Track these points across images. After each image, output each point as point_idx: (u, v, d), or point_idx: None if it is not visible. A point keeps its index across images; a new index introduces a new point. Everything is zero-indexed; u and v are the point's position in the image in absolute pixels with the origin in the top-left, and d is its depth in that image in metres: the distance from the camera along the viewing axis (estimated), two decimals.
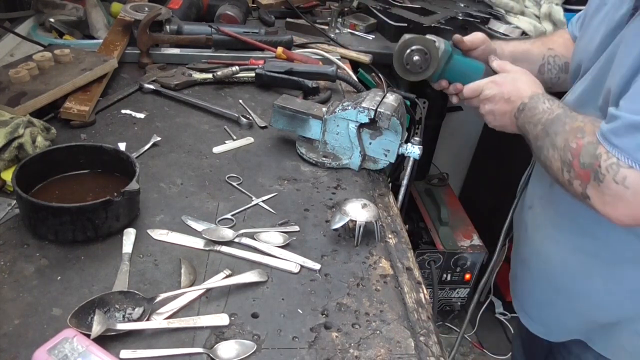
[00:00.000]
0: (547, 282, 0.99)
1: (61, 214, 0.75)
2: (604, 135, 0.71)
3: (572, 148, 0.75)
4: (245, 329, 0.67)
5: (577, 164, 0.73)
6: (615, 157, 0.68)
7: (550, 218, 0.97)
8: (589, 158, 0.72)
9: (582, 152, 0.73)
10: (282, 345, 0.66)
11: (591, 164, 0.71)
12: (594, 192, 0.72)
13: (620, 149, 0.68)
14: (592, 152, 0.71)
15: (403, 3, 1.92)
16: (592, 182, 0.71)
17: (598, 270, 0.89)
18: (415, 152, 0.97)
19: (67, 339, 0.58)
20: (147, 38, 1.32)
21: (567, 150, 0.75)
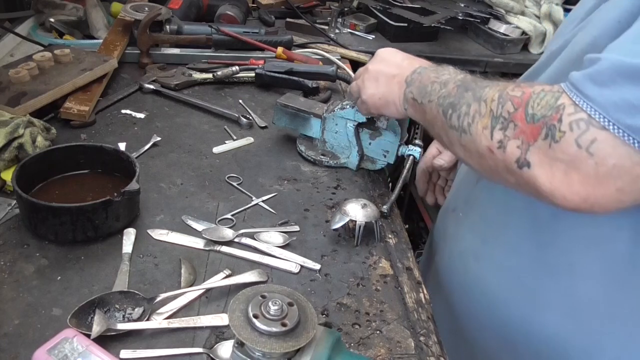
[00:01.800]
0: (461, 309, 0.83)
1: (61, 214, 0.75)
2: (576, 83, 0.51)
3: (516, 97, 0.56)
4: None
5: (522, 116, 0.54)
6: (585, 113, 0.49)
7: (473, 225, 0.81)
8: (542, 109, 0.53)
9: (532, 101, 0.54)
10: None
11: (545, 116, 0.52)
12: (540, 156, 0.52)
13: (596, 102, 0.49)
14: (550, 101, 0.53)
15: (403, 3, 1.92)
16: (539, 141, 0.52)
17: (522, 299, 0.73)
18: (415, 151, 0.97)
19: (67, 339, 0.58)
20: (147, 38, 1.32)
21: (507, 100, 0.57)
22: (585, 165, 0.50)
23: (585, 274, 0.67)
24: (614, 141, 0.48)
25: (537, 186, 0.53)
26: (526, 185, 0.55)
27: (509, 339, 0.76)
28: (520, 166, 0.54)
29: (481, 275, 0.79)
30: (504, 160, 0.56)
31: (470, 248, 0.82)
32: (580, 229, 0.67)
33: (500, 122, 0.56)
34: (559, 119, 0.51)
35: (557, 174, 0.52)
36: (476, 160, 0.62)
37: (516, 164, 0.55)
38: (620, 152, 0.48)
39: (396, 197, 0.93)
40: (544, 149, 0.52)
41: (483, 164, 0.60)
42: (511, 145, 0.55)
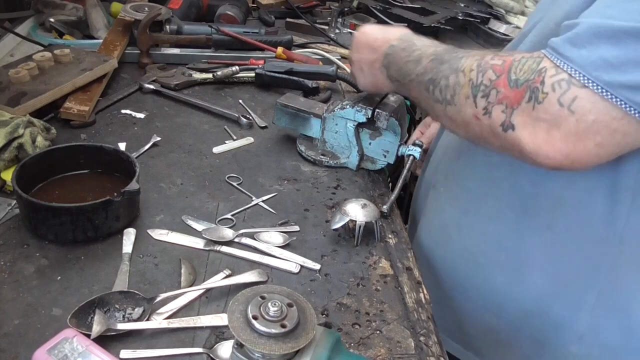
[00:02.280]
0: (445, 278, 0.86)
1: (61, 214, 0.75)
2: (555, 47, 0.55)
3: (497, 65, 0.59)
4: None
5: (505, 82, 0.57)
6: (566, 73, 0.53)
7: (454, 198, 0.84)
8: (525, 73, 0.56)
9: (514, 67, 0.57)
10: None
11: (528, 80, 0.55)
12: (524, 118, 0.55)
13: (575, 62, 0.52)
14: (532, 66, 0.56)
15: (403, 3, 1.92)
16: (523, 104, 0.55)
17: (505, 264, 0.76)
18: (415, 151, 0.97)
19: (67, 339, 0.58)
20: (147, 38, 1.32)
21: (487, 69, 0.59)
22: (566, 123, 0.52)
23: (564, 234, 0.70)
24: (593, 98, 0.51)
25: (522, 147, 0.56)
26: (511, 147, 0.58)
27: (494, 302, 0.79)
28: (505, 129, 0.57)
29: (464, 244, 0.82)
30: (490, 125, 0.59)
31: (451, 220, 0.85)
32: (558, 193, 0.70)
33: (482, 90, 0.59)
34: (542, 81, 0.54)
35: (540, 133, 0.54)
36: (463, 129, 0.65)
37: (501, 127, 0.57)
38: (599, 107, 0.51)
39: (396, 197, 0.93)
40: (527, 111, 0.55)
41: (469, 130, 0.64)
42: (496, 110, 0.57)
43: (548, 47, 0.56)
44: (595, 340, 0.73)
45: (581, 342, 0.73)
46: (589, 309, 0.72)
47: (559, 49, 0.54)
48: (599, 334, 0.73)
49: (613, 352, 0.73)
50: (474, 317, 0.84)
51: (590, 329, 0.72)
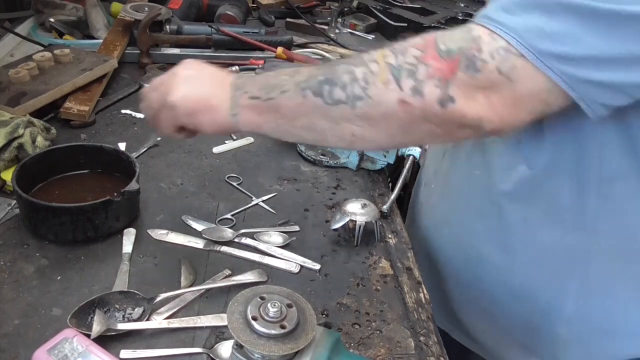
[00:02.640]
0: (441, 270, 0.87)
1: (61, 214, 0.75)
2: (489, 14, 0.53)
3: (418, 43, 0.55)
4: None
5: (434, 54, 0.53)
6: (504, 40, 0.51)
7: (443, 194, 0.84)
8: (457, 42, 0.53)
9: (440, 39, 0.54)
10: None
11: (462, 48, 0.52)
12: (463, 88, 0.52)
13: (511, 28, 0.51)
14: (464, 35, 0.53)
15: (403, 3, 1.92)
16: (459, 74, 0.52)
17: (494, 255, 0.77)
18: (415, 151, 0.97)
19: (67, 339, 0.58)
20: (147, 38, 1.32)
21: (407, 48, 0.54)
22: (506, 90, 0.52)
23: (539, 226, 0.71)
24: (530, 67, 0.51)
25: (463, 117, 0.53)
26: (449, 122, 0.55)
27: (486, 290, 0.80)
28: (444, 104, 0.53)
29: (454, 240, 0.83)
30: (423, 106, 0.53)
31: (442, 216, 0.86)
32: (528, 190, 0.70)
33: (406, 70, 0.53)
34: (479, 49, 0.52)
35: (481, 99, 0.53)
36: (382, 124, 0.57)
37: (439, 104, 0.53)
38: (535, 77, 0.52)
39: (396, 197, 0.93)
40: (465, 80, 0.52)
41: (391, 123, 0.56)
42: (428, 87, 0.53)
43: (479, 17, 0.54)
44: (583, 325, 0.74)
45: (570, 326, 0.75)
46: (574, 295, 0.73)
47: (493, 16, 0.53)
48: (585, 318, 0.74)
49: (601, 335, 0.74)
50: (468, 306, 0.86)
51: (576, 314, 0.74)
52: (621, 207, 0.66)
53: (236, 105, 0.62)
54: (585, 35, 0.50)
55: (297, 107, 0.59)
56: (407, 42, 0.56)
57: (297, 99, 0.59)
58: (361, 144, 0.60)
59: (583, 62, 0.51)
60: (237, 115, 0.63)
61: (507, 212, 0.74)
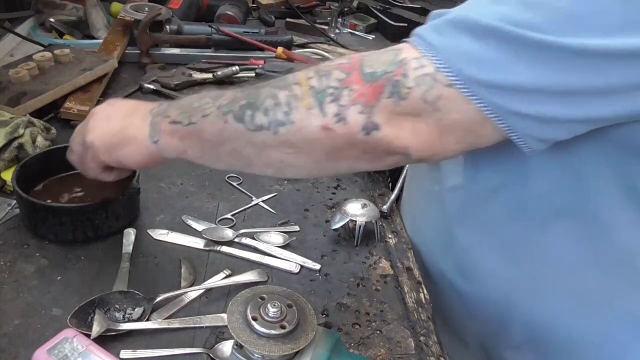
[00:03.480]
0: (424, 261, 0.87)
1: (61, 214, 0.75)
2: (419, 33, 0.50)
3: (343, 64, 0.52)
4: None
5: (358, 78, 0.50)
6: (431, 67, 0.48)
7: (409, 190, 0.86)
8: (382, 65, 0.50)
9: (366, 61, 0.51)
10: None
11: (387, 72, 0.49)
12: (387, 115, 0.49)
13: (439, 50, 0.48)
14: (390, 57, 0.50)
15: (403, 3, 1.93)
16: (383, 100, 0.49)
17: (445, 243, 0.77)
18: None
19: (67, 339, 0.58)
20: (147, 38, 1.32)
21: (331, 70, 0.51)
22: (431, 119, 0.49)
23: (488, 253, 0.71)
24: (457, 97, 0.48)
25: (389, 145, 0.51)
26: (375, 149, 0.52)
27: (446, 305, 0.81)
28: (368, 132, 0.50)
29: (419, 232, 0.86)
30: (347, 134, 0.50)
31: (412, 225, 0.88)
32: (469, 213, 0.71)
33: (330, 94, 0.50)
34: (404, 74, 0.49)
35: (406, 126, 0.50)
36: (307, 151, 0.54)
37: (363, 131, 0.50)
38: (462, 108, 0.49)
39: (396, 197, 0.93)
40: (390, 107, 0.49)
41: (315, 149, 0.53)
42: (352, 113, 0.49)
43: (412, 34, 0.51)
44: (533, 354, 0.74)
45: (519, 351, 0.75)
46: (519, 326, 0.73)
47: (424, 35, 0.50)
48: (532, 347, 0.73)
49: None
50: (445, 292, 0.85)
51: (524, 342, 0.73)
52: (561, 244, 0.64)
53: (156, 131, 0.60)
54: (514, 64, 0.46)
55: (219, 133, 0.56)
56: (333, 62, 0.53)
57: (219, 124, 0.56)
58: (291, 171, 0.58)
59: (513, 92, 0.47)
60: (159, 141, 0.61)
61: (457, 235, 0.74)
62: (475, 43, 0.47)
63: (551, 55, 0.46)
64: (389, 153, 0.52)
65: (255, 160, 0.57)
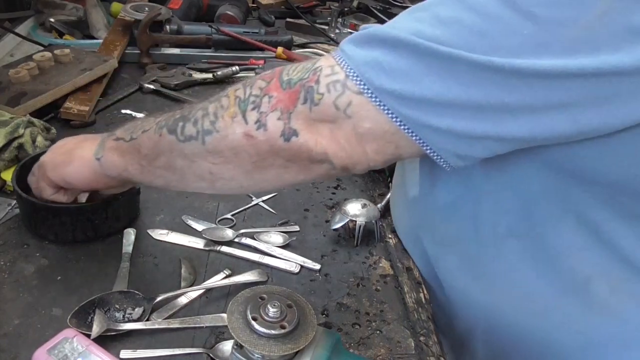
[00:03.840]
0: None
1: (61, 214, 0.75)
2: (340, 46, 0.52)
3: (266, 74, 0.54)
4: None
5: (276, 85, 0.51)
6: (342, 73, 0.49)
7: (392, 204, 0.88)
8: (299, 73, 0.51)
9: (286, 70, 0.52)
10: None
11: (302, 79, 0.51)
12: (304, 121, 0.50)
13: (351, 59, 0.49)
14: (307, 65, 0.52)
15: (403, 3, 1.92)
16: (299, 106, 0.50)
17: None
18: None
19: (67, 339, 0.58)
20: (147, 38, 1.32)
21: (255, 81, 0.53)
22: (345, 125, 0.50)
23: (456, 269, 0.71)
24: (367, 106, 0.49)
25: (309, 151, 0.51)
26: (297, 157, 0.52)
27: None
28: (288, 138, 0.51)
29: (400, 233, 0.85)
30: (268, 140, 0.51)
31: (393, 212, 0.89)
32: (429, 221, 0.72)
33: (252, 102, 0.52)
34: (317, 81, 0.50)
35: (325, 133, 0.51)
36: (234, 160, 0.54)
37: (282, 137, 0.51)
38: (373, 116, 0.49)
39: None
40: (305, 113, 0.50)
41: (240, 158, 0.54)
42: (271, 119, 0.50)
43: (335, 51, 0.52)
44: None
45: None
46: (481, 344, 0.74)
47: (342, 46, 0.51)
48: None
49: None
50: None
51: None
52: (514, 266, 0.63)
53: (101, 148, 0.64)
54: (425, 76, 0.46)
55: (154, 146, 0.58)
56: (259, 75, 0.55)
57: (155, 137, 0.58)
58: (222, 183, 0.58)
59: (423, 104, 0.47)
60: (102, 158, 0.64)
61: (424, 243, 0.74)
62: (388, 55, 0.48)
63: (460, 69, 0.45)
64: (311, 161, 0.53)
65: (187, 172, 0.58)
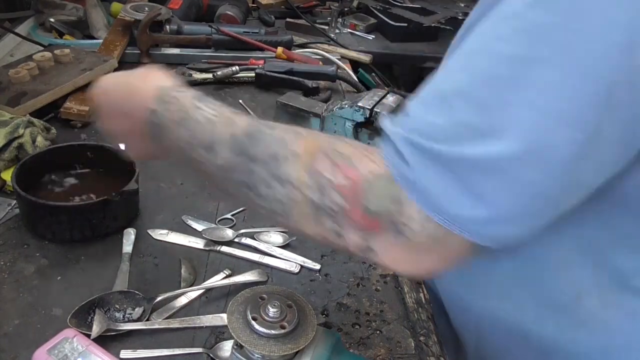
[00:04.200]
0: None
1: (58, 212, 0.75)
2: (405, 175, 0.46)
3: (342, 185, 0.48)
4: None
5: (358, 212, 0.48)
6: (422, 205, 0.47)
7: None
8: (381, 200, 0.47)
9: (365, 193, 0.47)
10: None
11: (388, 211, 0.47)
12: (385, 245, 0.49)
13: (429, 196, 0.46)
14: (386, 193, 0.47)
15: (403, 3, 1.93)
16: (383, 233, 0.48)
17: None
18: None
19: (67, 339, 0.58)
20: (147, 38, 1.32)
21: (329, 189, 0.48)
22: (430, 251, 0.48)
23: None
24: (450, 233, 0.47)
25: (383, 265, 0.51)
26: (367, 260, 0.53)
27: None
28: (364, 251, 0.50)
29: None
30: (343, 245, 0.50)
31: None
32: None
33: (327, 214, 0.49)
34: (401, 213, 0.47)
35: (403, 256, 0.49)
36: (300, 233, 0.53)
37: (358, 249, 0.50)
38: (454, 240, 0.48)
39: None
40: (389, 240, 0.48)
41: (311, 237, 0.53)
42: (349, 234, 0.49)
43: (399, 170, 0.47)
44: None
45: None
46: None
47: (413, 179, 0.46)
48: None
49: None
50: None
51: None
52: (505, 281, 0.62)
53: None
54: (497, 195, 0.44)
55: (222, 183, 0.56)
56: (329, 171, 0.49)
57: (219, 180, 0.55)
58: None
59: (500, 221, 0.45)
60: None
61: None
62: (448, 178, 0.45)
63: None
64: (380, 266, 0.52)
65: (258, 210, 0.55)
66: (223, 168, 0.54)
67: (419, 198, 0.46)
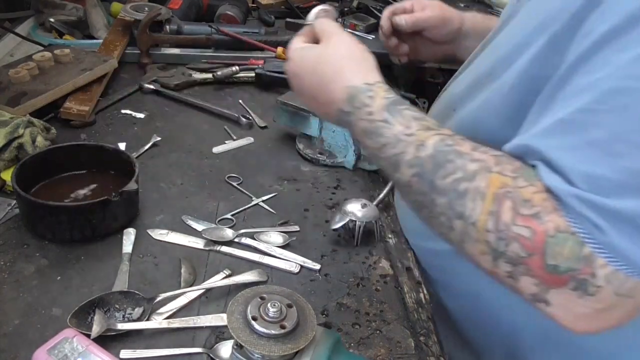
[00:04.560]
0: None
1: (58, 212, 0.75)
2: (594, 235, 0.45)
3: (524, 237, 0.47)
4: None
5: (539, 265, 0.47)
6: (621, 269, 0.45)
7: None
8: (566, 260, 0.46)
9: (550, 249, 0.46)
10: None
11: (572, 269, 0.46)
12: (565, 301, 0.47)
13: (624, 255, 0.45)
14: (575, 249, 0.46)
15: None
16: (566, 290, 0.46)
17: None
18: None
19: (67, 339, 0.58)
20: (147, 38, 1.31)
21: (512, 240, 0.48)
22: (620, 308, 0.47)
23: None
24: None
25: (555, 320, 0.49)
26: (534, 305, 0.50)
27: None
28: (536, 300, 0.49)
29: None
30: (514, 286, 0.50)
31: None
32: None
33: (506, 259, 0.48)
34: (592, 274, 0.45)
35: (585, 314, 0.47)
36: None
37: (531, 296, 0.49)
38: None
39: (388, 192, 0.93)
40: (572, 297, 0.47)
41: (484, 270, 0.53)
42: (525, 281, 0.48)
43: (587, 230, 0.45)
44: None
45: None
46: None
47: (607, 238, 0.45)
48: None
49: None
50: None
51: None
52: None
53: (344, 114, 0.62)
54: None
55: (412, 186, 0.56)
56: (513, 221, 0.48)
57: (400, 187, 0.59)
58: None
59: None
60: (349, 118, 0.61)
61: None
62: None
63: None
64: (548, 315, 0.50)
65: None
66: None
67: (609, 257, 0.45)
